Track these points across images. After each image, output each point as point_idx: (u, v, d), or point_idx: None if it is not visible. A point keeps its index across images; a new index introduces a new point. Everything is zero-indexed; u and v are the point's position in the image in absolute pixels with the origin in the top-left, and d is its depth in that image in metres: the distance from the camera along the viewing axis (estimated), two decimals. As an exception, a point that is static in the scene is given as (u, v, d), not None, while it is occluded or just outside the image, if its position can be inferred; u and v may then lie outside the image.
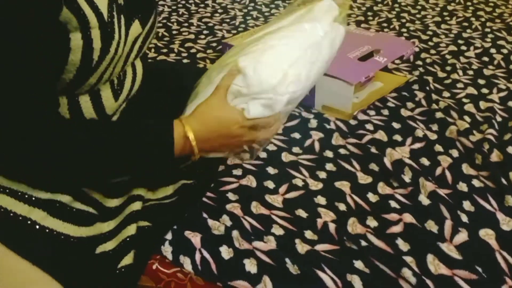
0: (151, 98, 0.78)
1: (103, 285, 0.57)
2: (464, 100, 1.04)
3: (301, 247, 0.65)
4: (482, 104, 1.02)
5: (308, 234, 0.68)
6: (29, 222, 0.54)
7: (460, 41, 1.35)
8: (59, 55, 0.53)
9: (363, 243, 0.65)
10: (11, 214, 0.53)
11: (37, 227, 0.54)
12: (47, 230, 0.54)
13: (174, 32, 1.49)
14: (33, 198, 0.55)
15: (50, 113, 0.55)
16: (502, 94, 1.06)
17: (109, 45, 0.56)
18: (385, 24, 1.52)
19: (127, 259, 0.59)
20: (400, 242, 0.65)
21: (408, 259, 0.62)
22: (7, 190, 0.54)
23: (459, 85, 1.11)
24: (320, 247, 0.65)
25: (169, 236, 0.66)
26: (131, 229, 0.62)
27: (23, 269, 0.51)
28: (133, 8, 0.61)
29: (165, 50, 1.34)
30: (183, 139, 0.56)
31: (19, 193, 0.55)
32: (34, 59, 0.50)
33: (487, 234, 0.67)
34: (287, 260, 0.62)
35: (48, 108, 0.55)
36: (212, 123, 0.58)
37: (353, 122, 0.97)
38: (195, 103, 0.61)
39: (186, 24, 1.56)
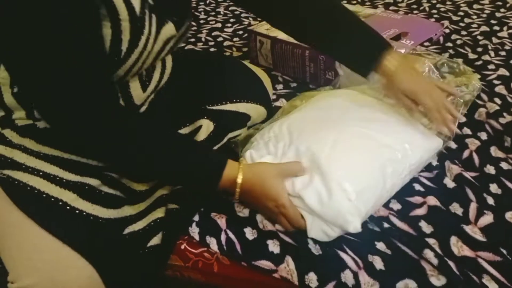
0: (180, 88, 0.80)
1: (132, 263, 0.60)
2: (495, 81, 1.01)
3: (324, 229, 0.66)
4: (514, 86, 0.99)
5: (331, 216, 0.69)
6: (60, 203, 0.57)
7: (492, 21, 1.30)
8: (93, 41, 0.55)
9: (386, 225, 0.66)
10: (44, 195, 0.57)
11: (68, 208, 0.57)
12: (77, 211, 0.58)
13: (202, 21, 1.52)
14: (64, 180, 0.59)
15: (108, 95, 0.59)
16: (535, 75, 1.03)
17: (138, 39, 0.58)
18: (414, 6, 1.48)
19: (156, 239, 0.63)
20: (423, 224, 0.65)
21: (431, 241, 0.62)
22: (40, 173, 0.58)
23: (490, 66, 1.07)
24: (342, 228, 0.66)
25: (196, 217, 0.69)
26: (160, 212, 0.66)
27: (54, 248, 0.55)
28: (167, 10, 0.63)
29: (192, 40, 1.36)
30: (231, 180, 0.62)
31: (51, 176, 0.58)
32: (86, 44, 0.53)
33: (513, 217, 0.66)
34: (309, 240, 0.64)
35: (105, 91, 0.58)
36: (258, 186, 0.62)
37: (378, 106, 0.96)
38: (257, 153, 0.70)
39: (213, 13, 1.58)
